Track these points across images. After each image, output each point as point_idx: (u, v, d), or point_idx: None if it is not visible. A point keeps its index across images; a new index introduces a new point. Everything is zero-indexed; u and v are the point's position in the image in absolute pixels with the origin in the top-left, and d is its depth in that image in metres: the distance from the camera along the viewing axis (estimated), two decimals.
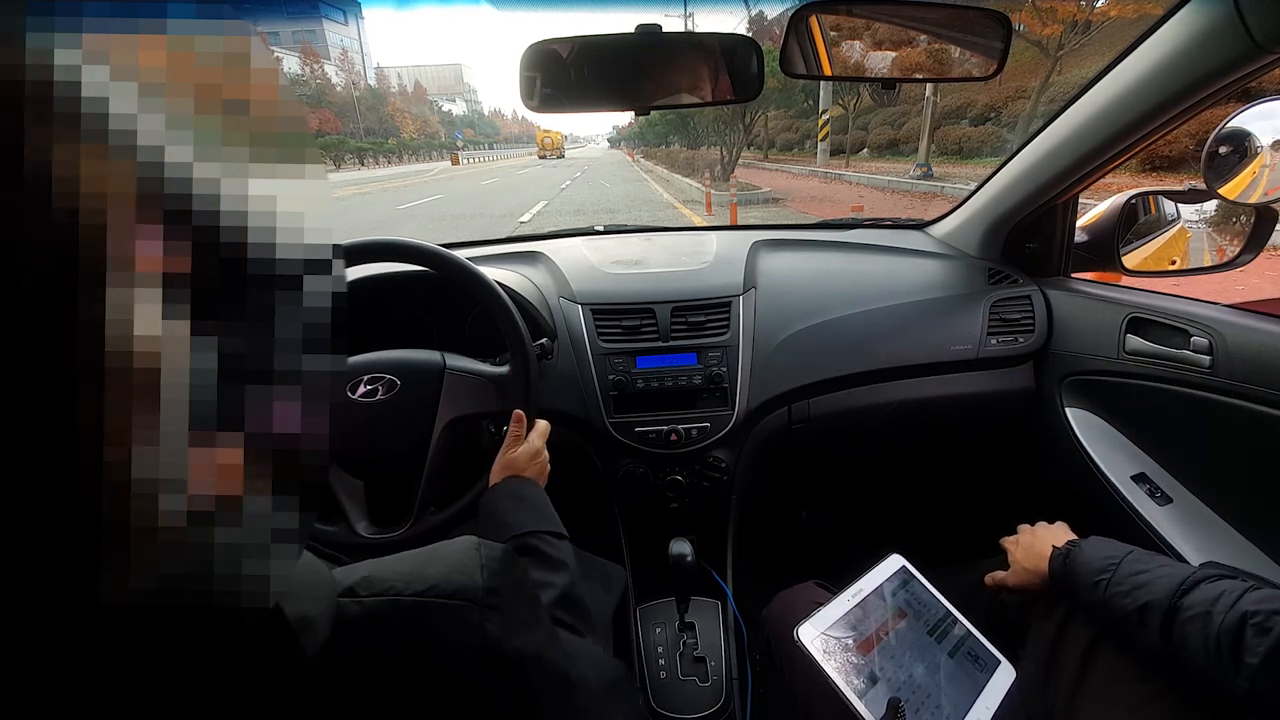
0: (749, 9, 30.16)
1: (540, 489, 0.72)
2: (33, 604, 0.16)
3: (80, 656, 0.18)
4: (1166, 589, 0.57)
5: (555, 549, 0.61)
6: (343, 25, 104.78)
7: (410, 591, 0.31)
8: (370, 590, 0.30)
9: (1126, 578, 0.61)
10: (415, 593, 0.31)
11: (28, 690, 0.17)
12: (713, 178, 10.77)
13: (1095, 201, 1.09)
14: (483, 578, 0.33)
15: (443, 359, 0.81)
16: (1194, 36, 0.70)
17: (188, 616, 0.20)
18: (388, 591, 0.31)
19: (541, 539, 0.62)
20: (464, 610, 0.31)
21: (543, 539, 0.62)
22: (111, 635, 0.18)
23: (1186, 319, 0.85)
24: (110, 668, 0.19)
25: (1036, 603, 0.72)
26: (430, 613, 0.31)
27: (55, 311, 0.15)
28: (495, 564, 0.35)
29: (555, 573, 0.58)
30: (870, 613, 0.67)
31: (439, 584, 0.32)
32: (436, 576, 0.32)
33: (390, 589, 0.31)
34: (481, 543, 0.36)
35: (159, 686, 0.20)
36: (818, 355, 1.04)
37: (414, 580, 0.32)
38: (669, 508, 1.01)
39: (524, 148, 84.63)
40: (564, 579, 0.57)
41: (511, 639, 0.33)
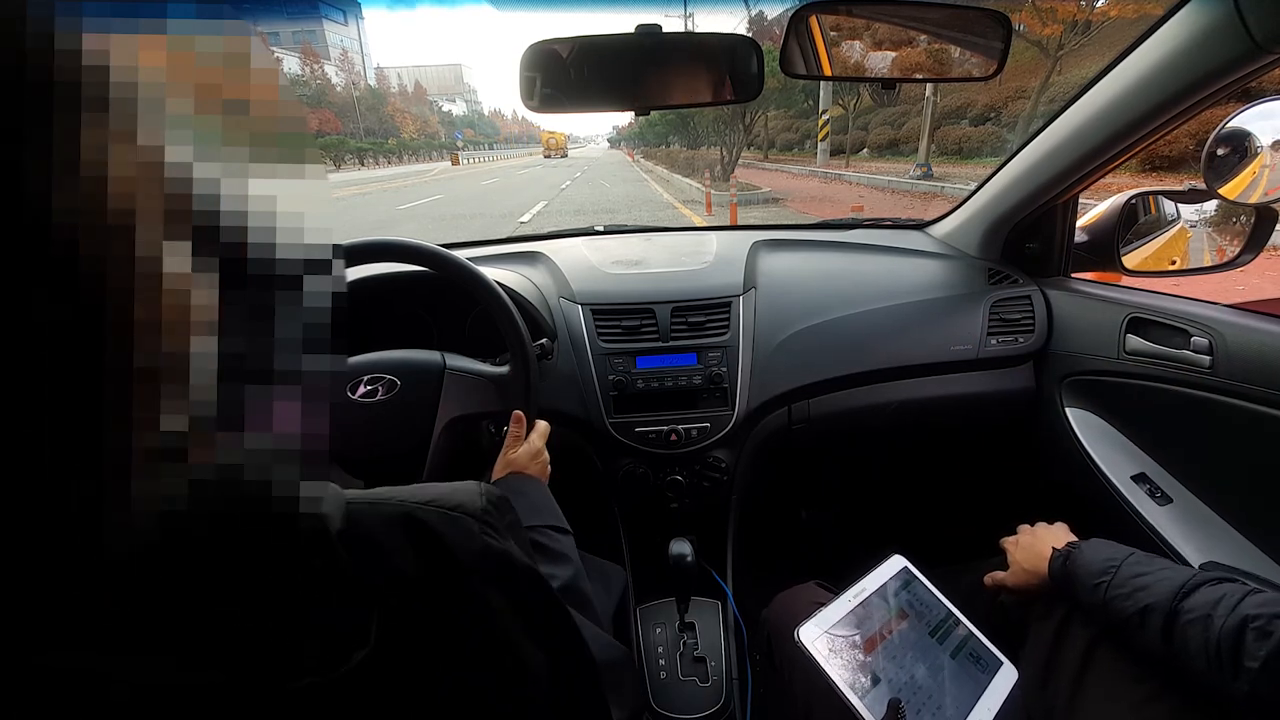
0: (749, 9, 30.17)
1: (542, 485, 0.72)
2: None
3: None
4: (1167, 592, 0.57)
5: (558, 543, 0.61)
6: (343, 25, 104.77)
7: (414, 500, 0.33)
8: (379, 499, 0.33)
9: (1127, 580, 0.60)
10: (419, 502, 0.33)
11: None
12: (713, 178, 10.77)
13: (1095, 201, 1.09)
14: (482, 502, 0.35)
15: (443, 359, 0.81)
16: (1194, 36, 0.70)
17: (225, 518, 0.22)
18: (392, 499, 0.33)
19: (543, 533, 0.62)
20: (463, 520, 0.33)
21: (544, 533, 0.62)
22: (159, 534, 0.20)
23: (1186, 319, 0.85)
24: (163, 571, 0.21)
25: (1036, 603, 0.72)
26: (434, 518, 0.32)
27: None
28: (494, 498, 0.37)
29: (557, 565, 0.58)
30: (872, 613, 0.67)
31: (440, 498, 0.34)
32: (438, 493, 0.35)
33: (395, 497, 0.33)
34: (483, 484, 0.38)
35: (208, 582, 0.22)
36: (818, 355, 1.04)
37: (418, 494, 0.34)
38: (669, 508, 1.01)
39: (524, 148, 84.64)
40: (567, 572, 0.57)
41: (511, 551, 0.34)
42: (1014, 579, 0.74)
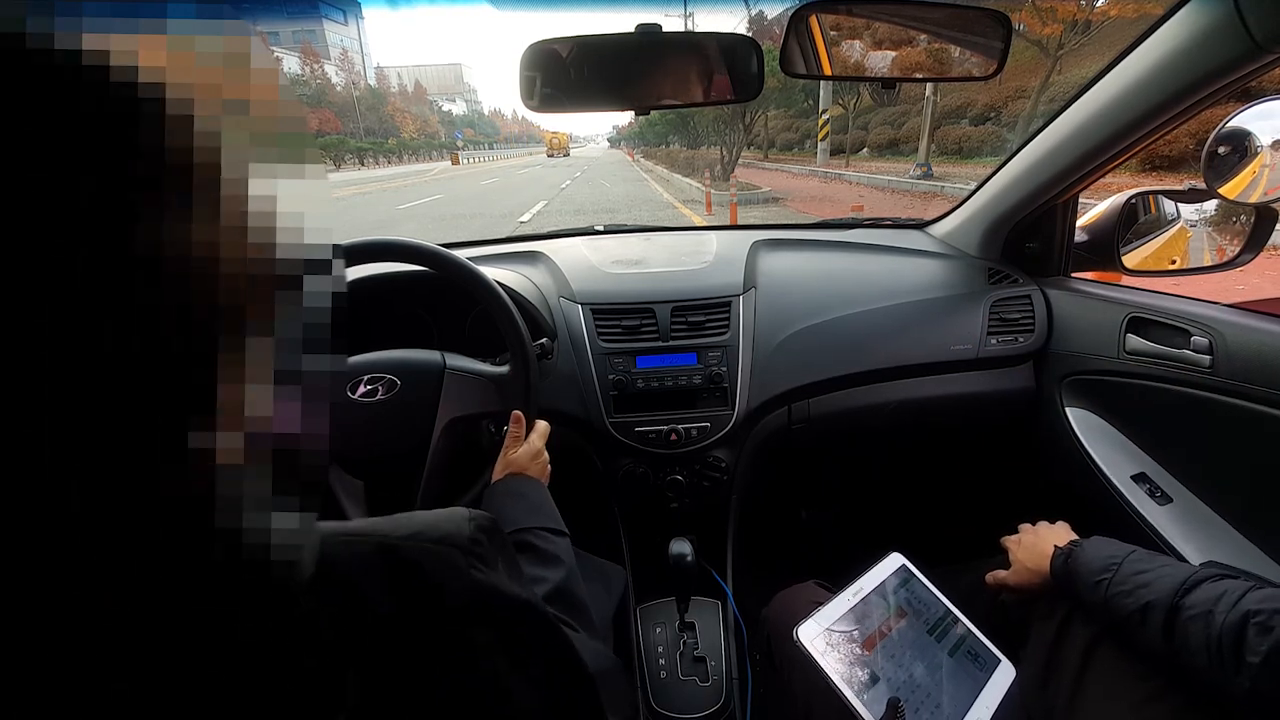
0: (749, 9, 30.16)
1: (542, 486, 0.72)
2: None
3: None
4: (1168, 589, 0.57)
5: (551, 544, 0.61)
6: (343, 25, 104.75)
7: (397, 535, 0.31)
8: (358, 533, 0.31)
9: (1128, 577, 0.60)
10: (401, 536, 0.31)
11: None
12: (713, 177, 10.77)
13: (1095, 201, 1.09)
14: (469, 529, 0.34)
15: (443, 359, 0.81)
16: (1194, 36, 0.70)
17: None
18: (374, 534, 0.31)
19: (537, 535, 0.61)
20: (449, 554, 0.32)
21: (538, 535, 0.61)
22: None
23: (1186, 319, 0.85)
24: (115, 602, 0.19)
25: (1037, 603, 0.72)
26: (416, 554, 0.31)
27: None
28: (484, 521, 0.35)
29: (548, 568, 0.57)
30: (870, 611, 0.67)
31: (425, 530, 0.32)
32: (423, 524, 0.33)
33: (378, 531, 0.31)
34: (471, 510, 0.37)
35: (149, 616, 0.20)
36: (818, 355, 1.04)
37: (401, 527, 0.32)
38: (669, 508, 1.01)
39: (524, 148, 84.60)
40: (558, 574, 0.56)
41: (499, 585, 0.33)
42: (1016, 578, 0.74)
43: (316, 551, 0.27)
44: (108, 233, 0.16)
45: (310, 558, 0.27)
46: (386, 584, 0.29)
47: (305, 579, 0.26)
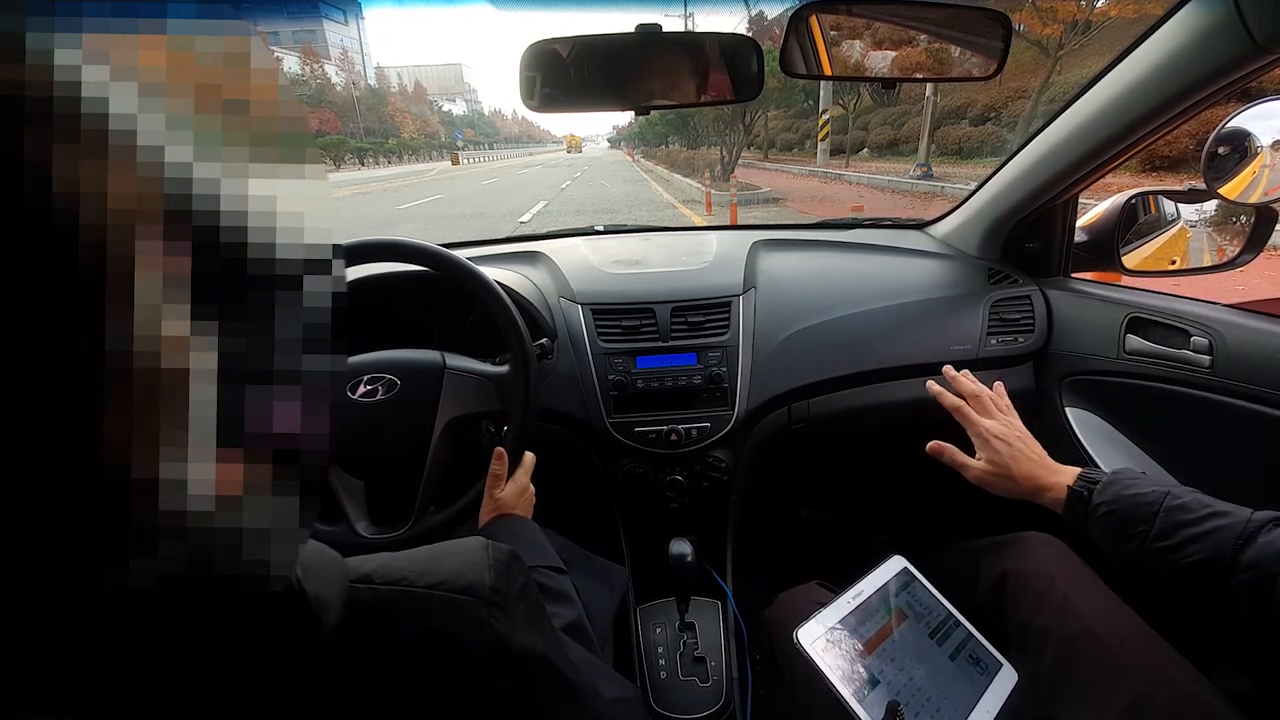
0: (749, 9, 30.19)
1: (535, 525, 0.71)
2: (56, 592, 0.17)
3: (107, 638, 0.19)
4: (1225, 542, 0.50)
5: (557, 583, 0.62)
6: (343, 25, 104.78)
7: (422, 583, 0.32)
8: (384, 579, 0.31)
9: (1173, 530, 0.53)
10: (426, 585, 0.32)
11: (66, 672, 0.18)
12: (712, 177, 10.79)
13: (1095, 201, 1.09)
14: (490, 577, 0.34)
15: (443, 359, 0.81)
16: (1194, 36, 0.70)
17: (208, 598, 0.21)
18: (400, 581, 0.31)
19: (543, 574, 0.62)
20: (471, 606, 0.32)
21: (544, 574, 0.62)
22: (137, 620, 0.19)
23: (1186, 319, 0.85)
24: (137, 650, 0.19)
25: (1026, 599, 0.71)
26: (440, 605, 0.31)
27: (58, 314, 0.16)
28: (502, 565, 0.36)
29: (560, 605, 0.59)
30: (871, 614, 0.67)
31: (449, 579, 0.33)
32: (448, 572, 0.33)
33: (404, 579, 0.32)
34: (489, 543, 0.37)
35: (186, 664, 0.21)
36: (818, 355, 1.04)
37: (426, 573, 0.32)
38: (669, 508, 1.01)
39: (524, 148, 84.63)
40: (571, 612, 0.58)
41: (517, 637, 0.33)
42: (980, 474, 0.72)
43: (344, 598, 0.28)
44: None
45: (338, 598, 0.27)
46: (411, 633, 0.30)
47: (333, 624, 0.26)
